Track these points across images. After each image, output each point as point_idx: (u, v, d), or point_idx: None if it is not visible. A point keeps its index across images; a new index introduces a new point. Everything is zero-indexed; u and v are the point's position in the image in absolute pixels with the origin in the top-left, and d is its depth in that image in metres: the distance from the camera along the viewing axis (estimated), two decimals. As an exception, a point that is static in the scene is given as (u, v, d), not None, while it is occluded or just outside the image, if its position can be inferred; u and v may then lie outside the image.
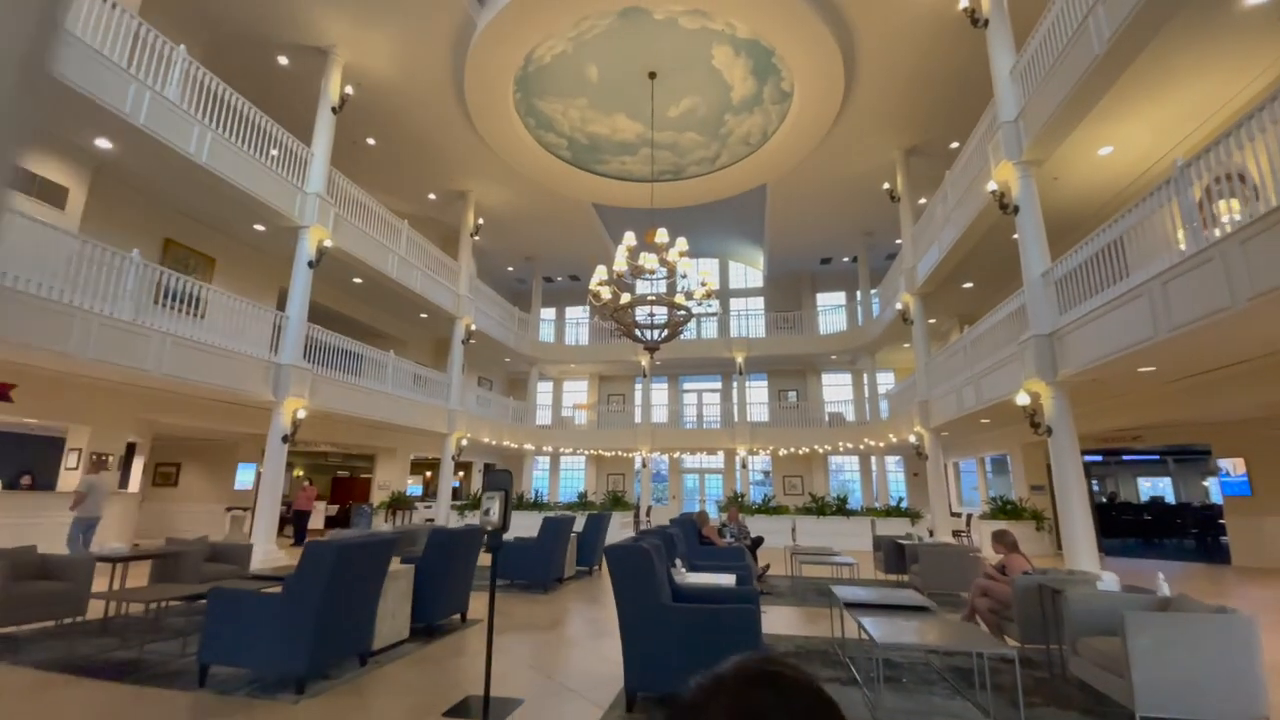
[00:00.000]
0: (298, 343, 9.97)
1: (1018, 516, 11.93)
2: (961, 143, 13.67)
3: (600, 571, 8.75)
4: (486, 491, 3.50)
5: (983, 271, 13.03)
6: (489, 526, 3.44)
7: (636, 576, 3.40)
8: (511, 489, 3.53)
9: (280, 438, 9.65)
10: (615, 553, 3.54)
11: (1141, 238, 6.31)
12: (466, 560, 5.34)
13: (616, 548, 3.56)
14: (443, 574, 4.94)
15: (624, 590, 3.44)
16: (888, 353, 19.05)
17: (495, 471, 3.54)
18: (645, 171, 15.55)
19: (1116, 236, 6.66)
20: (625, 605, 3.43)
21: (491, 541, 3.46)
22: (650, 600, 3.34)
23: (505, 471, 3.54)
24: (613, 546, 3.58)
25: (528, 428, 19.53)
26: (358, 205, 11.89)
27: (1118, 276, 6.63)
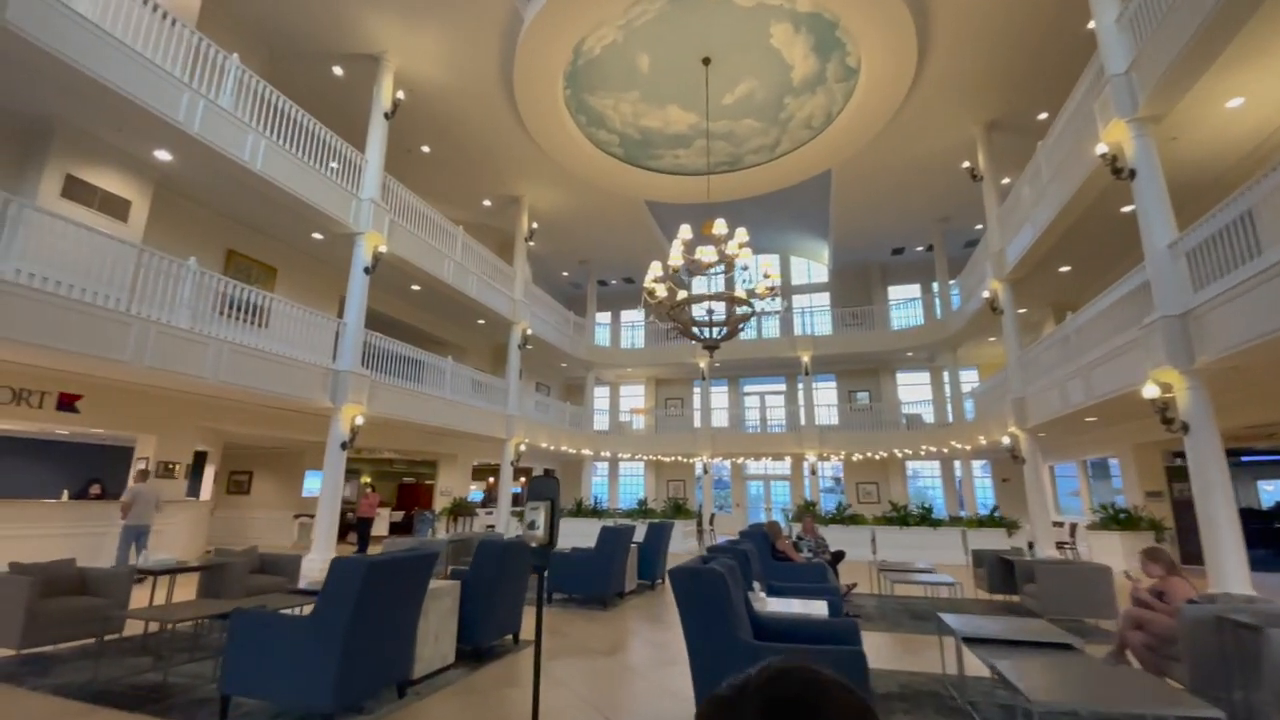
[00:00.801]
0: (355, 349, 9.89)
1: (1133, 526, 10.50)
2: (1051, 113, 12.39)
3: (663, 586, 8.14)
4: (530, 501, 2.96)
5: (1083, 252, 11.66)
6: (534, 542, 2.89)
7: (708, 607, 2.77)
8: (558, 497, 2.98)
9: (339, 444, 9.56)
10: (682, 577, 2.92)
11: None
12: (519, 574, 4.85)
13: (684, 572, 2.94)
14: (492, 590, 4.45)
15: (694, 624, 2.82)
16: (970, 348, 17.60)
17: (539, 478, 3.00)
18: (700, 164, 14.92)
19: (1270, 193, 5.53)
20: (696, 642, 2.82)
21: (537, 560, 2.91)
22: (726, 638, 2.72)
23: (550, 478, 2.99)
24: (680, 570, 2.97)
25: (585, 433, 19.17)
26: (412, 211, 11.82)
27: (1265, 244, 5.51)
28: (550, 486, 2.99)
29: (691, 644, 2.84)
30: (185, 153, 8.25)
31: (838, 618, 3.49)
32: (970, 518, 11.75)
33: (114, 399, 8.60)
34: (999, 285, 12.22)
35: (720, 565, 3.07)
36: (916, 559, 11.38)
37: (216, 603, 4.18)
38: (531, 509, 2.93)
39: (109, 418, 8.65)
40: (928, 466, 19.59)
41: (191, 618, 3.69)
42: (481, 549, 4.51)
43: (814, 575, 5.89)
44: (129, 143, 8.12)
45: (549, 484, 3.00)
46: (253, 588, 5.32)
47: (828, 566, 6.11)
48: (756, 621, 3.16)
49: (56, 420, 8.17)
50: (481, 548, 4.51)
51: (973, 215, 16.74)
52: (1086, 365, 8.85)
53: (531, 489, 3.03)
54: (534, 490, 3.02)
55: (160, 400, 9.19)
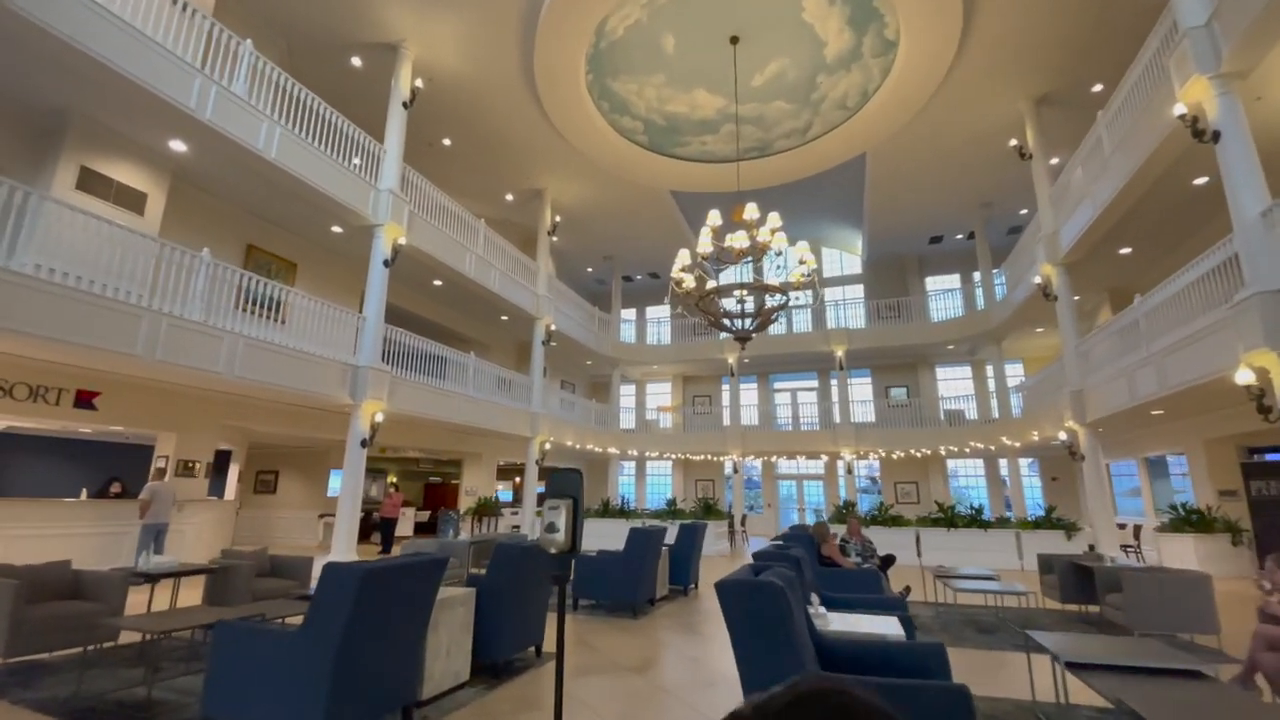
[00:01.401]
0: (375, 344, 9.59)
1: (1206, 528, 9.62)
2: (1106, 85, 11.54)
3: (697, 592, 7.61)
4: (550, 500, 2.49)
5: (1146, 231, 10.80)
6: (553, 547, 2.42)
7: (768, 630, 2.26)
8: (581, 495, 2.50)
9: (359, 442, 9.27)
10: (735, 593, 2.42)
11: None
12: (541, 579, 4.40)
13: (738, 586, 2.43)
14: (511, 597, 4.01)
15: (750, 649, 2.32)
16: (1015, 340, 16.69)
17: (561, 472, 2.53)
18: (728, 150, 14.35)
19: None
20: (752, 671, 2.32)
21: (557, 570, 2.44)
22: (788, 666, 2.20)
23: (573, 471, 2.52)
24: (733, 584, 2.46)
25: (612, 431, 18.73)
26: (433, 203, 11.52)
27: None
28: (572, 482, 2.51)
29: (746, 673, 2.33)
30: (199, 142, 8.03)
31: (914, 639, 2.95)
32: (1024, 519, 10.96)
33: (132, 396, 8.43)
34: (1052, 270, 11.40)
35: (778, 576, 2.56)
36: (964, 563, 10.66)
37: (211, 610, 3.82)
38: (550, 508, 2.46)
39: (128, 415, 8.49)
40: (969, 465, 18.68)
41: (179, 627, 3.33)
42: (499, 553, 4.06)
43: (867, 583, 5.32)
44: (142, 133, 7.92)
45: (570, 479, 2.52)
46: (260, 592, 4.98)
47: (881, 573, 5.54)
48: (820, 644, 2.64)
49: (74, 418, 8.02)
50: (499, 551, 4.06)
51: (1017, 199, 15.86)
52: (1159, 352, 8.07)
53: (551, 485, 2.56)
54: (554, 487, 2.55)
55: (180, 397, 9.01)
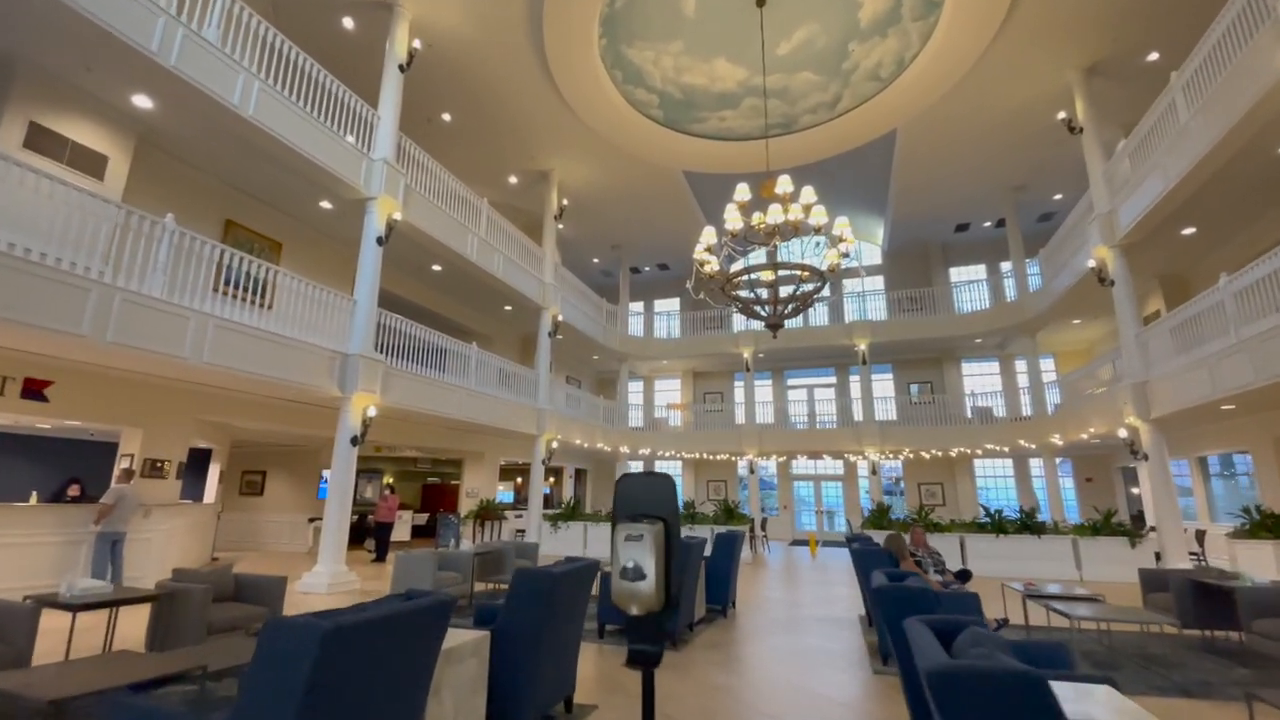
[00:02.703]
0: (367, 331, 8.62)
1: (1291, 536, 8.67)
2: (1163, 53, 10.61)
3: (734, 612, 6.65)
4: (625, 525, 1.51)
5: (1215, 209, 9.84)
6: (635, 605, 1.44)
7: None
8: (678, 517, 1.53)
9: (349, 438, 8.29)
10: (953, 681, 1.44)
11: None
12: (572, 614, 3.42)
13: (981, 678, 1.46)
14: (537, 642, 3.03)
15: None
16: (1049, 333, 15.75)
17: (639, 477, 1.55)
18: (748, 127, 13.40)
19: None
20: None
21: (643, 642, 1.48)
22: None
23: (659, 478, 1.56)
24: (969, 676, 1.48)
25: (620, 430, 17.77)
26: (432, 178, 10.54)
27: None
28: (660, 495, 1.56)
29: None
30: (167, 97, 7.06)
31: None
32: (1084, 524, 10.02)
33: (90, 386, 7.45)
34: (1108, 253, 10.45)
35: (983, 640, 1.59)
36: (1014, 573, 9.71)
37: (116, 663, 2.83)
38: (629, 540, 1.50)
39: (85, 408, 7.50)
40: (996, 465, 17.73)
41: (66, 696, 2.34)
42: (521, 584, 3.08)
43: (962, 607, 4.37)
44: (100, 85, 6.94)
45: (657, 489, 1.57)
46: (219, 623, 4.02)
47: (976, 597, 4.59)
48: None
49: (23, 410, 7.03)
50: (521, 583, 3.08)
51: (1053, 182, 14.94)
52: (1256, 337, 7.11)
53: (623, 500, 1.60)
54: (629, 502, 1.58)
55: (146, 388, 8.02)
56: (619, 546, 1.50)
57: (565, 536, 12.59)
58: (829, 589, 8.82)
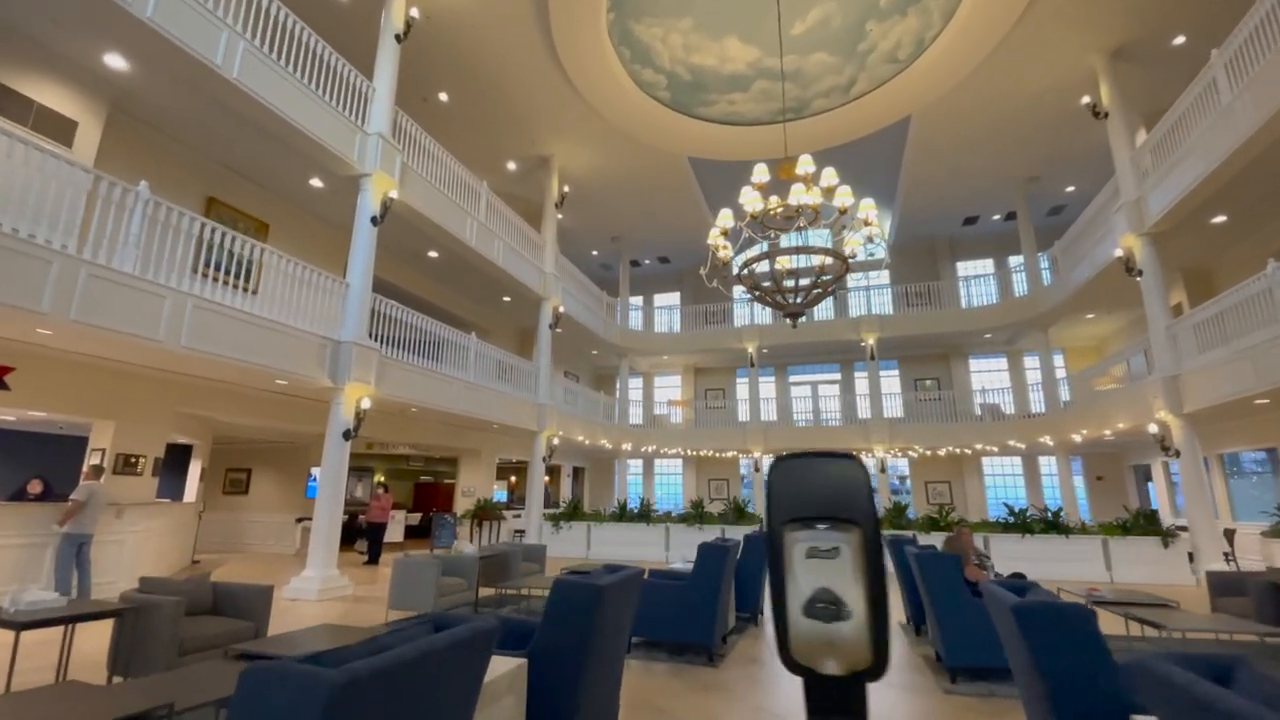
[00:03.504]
0: (360, 316, 8.02)
1: (1333, 536, 8.33)
2: (1190, 36, 10.24)
3: (764, 620, 6.13)
4: (799, 529, 0.95)
5: (1250, 196, 9.44)
6: (832, 660, 0.90)
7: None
8: (876, 521, 0.99)
9: (341, 433, 7.70)
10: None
11: None
12: (618, 634, 2.89)
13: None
14: (579, 668, 2.50)
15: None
16: (1061, 328, 15.38)
17: (808, 461, 0.97)
18: (758, 112, 12.92)
19: None
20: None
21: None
22: None
23: (843, 459, 0.98)
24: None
25: (621, 427, 17.22)
26: (429, 157, 9.94)
27: None
28: (849, 483, 1.02)
29: None
30: (142, 56, 6.44)
31: None
32: (1113, 524, 9.62)
33: (57, 374, 6.80)
34: (1136, 241, 10.06)
35: None
36: (1042, 575, 9.27)
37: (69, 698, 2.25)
38: (815, 556, 0.96)
39: (52, 398, 6.86)
40: (1005, 464, 17.38)
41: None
42: (563, 599, 2.53)
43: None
44: (70, 42, 6.30)
45: (843, 474, 1.03)
46: (192, 641, 3.45)
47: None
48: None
49: (-21, 400, 6.37)
50: (563, 597, 2.53)
51: (1067, 174, 14.58)
52: (1314, 326, 6.70)
53: (786, 490, 1.05)
54: (793, 493, 1.04)
55: (119, 377, 7.38)
56: (795, 565, 0.98)
57: (567, 537, 12.03)
58: (853, 593, 8.33)
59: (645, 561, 11.05)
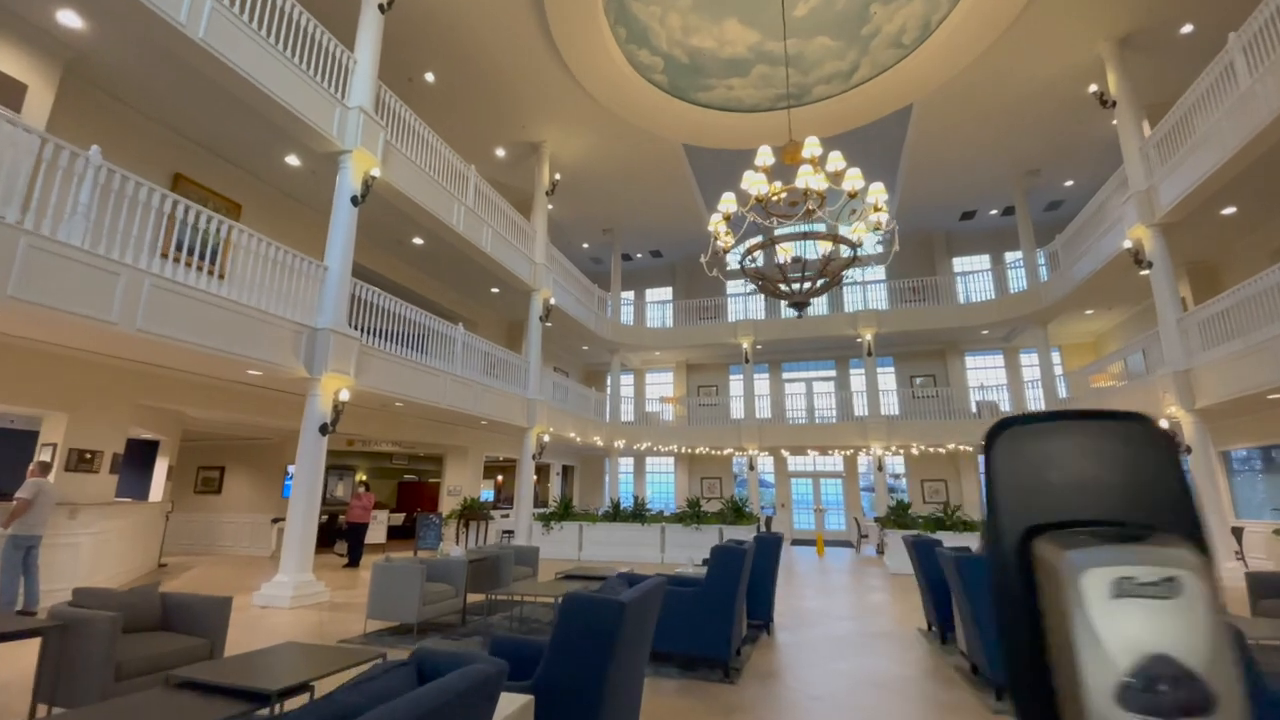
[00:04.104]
0: (339, 302, 7.49)
1: (1349, 535, 8.11)
2: (1197, 24, 10.02)
3: (775, 628, 5.69)
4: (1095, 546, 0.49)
5: (1262, 187, 9.22)
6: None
7: None
8: (1203, 530, 0.54)
9: (318, 427, 7.16)
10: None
11: None
12: (637, 655, 2.44)
13: None
14: (596, 699, 2.05)
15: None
16: (1058, 325, 15.19)
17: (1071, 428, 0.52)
18: (757, 98, 12.52)
19: None
20: None
21: None
22: None
23: (1135, 419, 0.52)
24: None
25: (613, 424, 16.76)
26: (414, 137, 9.40)
27: None
28: (1154, 465, 0.55)
29: None
30: (99, 13, 5.87)
31: None
32: (1123, 523, 9.37)
33: (2, 362, 6.19)
34: (1146, 232, 9.80)
35: None
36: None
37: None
38: (1133, 591, 0.50)
39: (-7, 387, 6.25)
40: (1000, 461, 17.14)
41: None
42: (576, 619, 2.07)
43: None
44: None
45: (1140, 445, 0.56)
46: (133, 665, 2.94)
47: None
48: None
49: (-89, 390, 5.76)
50: (576, 616, 2.07)
51: (1067, 167, 14.36)
52: (1343, 316, 6.43)
53: (1033, 478, 0.60)
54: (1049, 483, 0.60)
55: (72, 365, 6.78)
56: (1082, 611, 0.52)
57: (558, 538, 11.54)
58: (864, 596, 7.96)
59: (641, 563, 10.60)
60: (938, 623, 5.11)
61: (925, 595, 5.38)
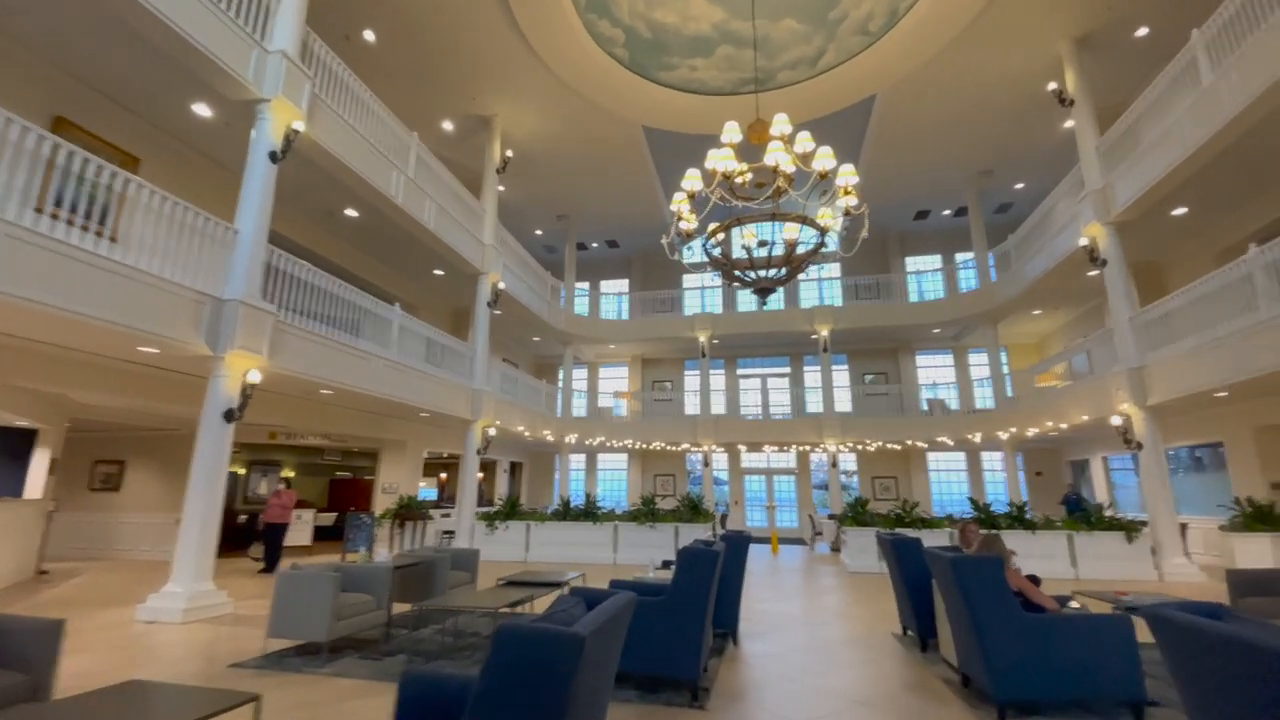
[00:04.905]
0: (251, 271, 6.55)
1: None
2: (1153, 28, 10.15)
3: (741, 637, 5.14)
4: None
5: (1214, 187, 9.36)
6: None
7: None
8: None
9: (222, 413, 6.23)
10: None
11: None
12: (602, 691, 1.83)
13: None
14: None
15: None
16: (1006, 325, 15.41)
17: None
18: (720, 81, 12.07)
19: None
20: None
21: None
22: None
23: None
24: None
25: (564, 419, 16.05)
26: (347, 94, 8.48)
27: None
28: None
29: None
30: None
31: None
32: (1076, 519, 9.36)
33: None
34: (1101, 230, 9.85)
35: None
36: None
37: None
38: None
39: None
40: (949, 459, 17.36)
41: None
42: (510, 655, 1.45)
43: (1104, 645, 3.12)
44: None
45: None
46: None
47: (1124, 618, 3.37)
48: None
49: None
50: (511, 651, 1.46)
51: (1019, 169, 14.56)
52: (1302, 311, 6.42)
53: None
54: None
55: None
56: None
57: (504, 539, 10.77)
58: (827, 597, 7.59)
59: (592, 564, 9.98)
60: (916, 628, 4.71)
61: (902, 598, 4.98)
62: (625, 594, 1.96)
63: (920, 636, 4.66)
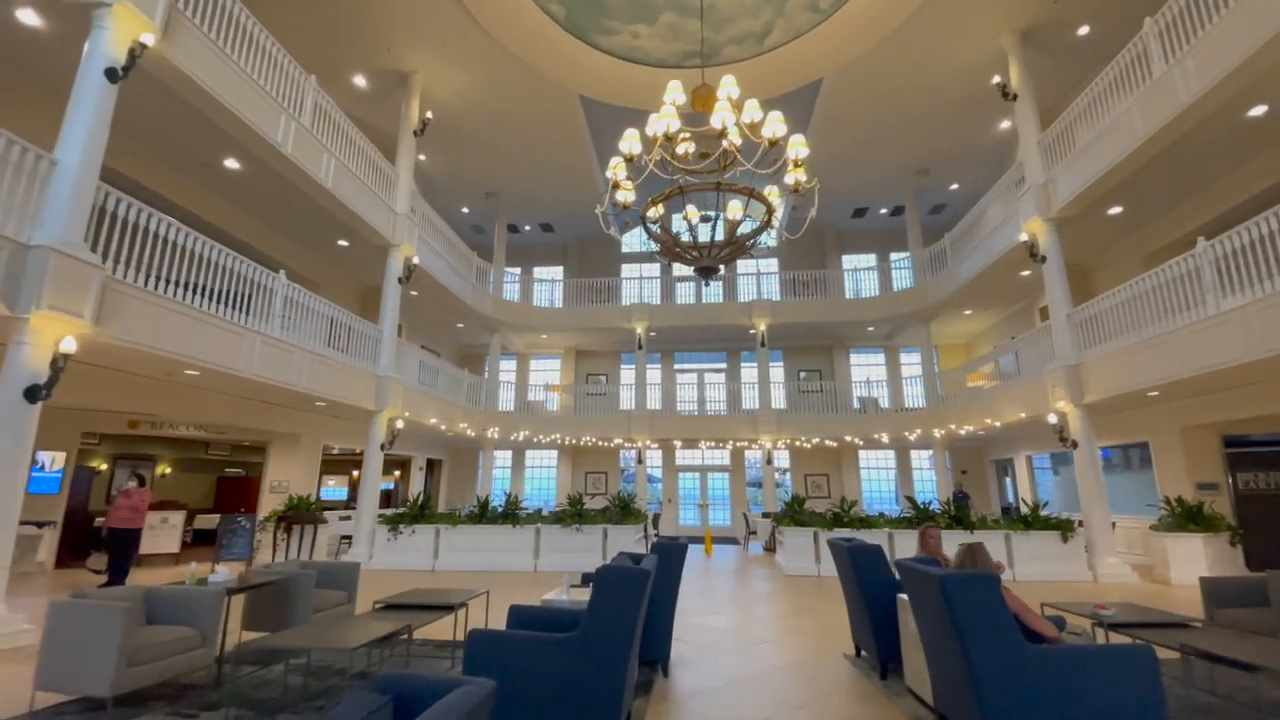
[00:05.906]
0: (75, 213, 5.19)
1: (1211, 526, 8.33)
2: (1095, 27, 10.16)
3: (668, 680, 4.28)
4: None
5: (1151, 186, 9.36)
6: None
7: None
8: None
9: (23, 389, 4.86)
10: None
11: None
12: None
13: None
14: None
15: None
16: (938, 324, 15.46)
17: None
18: (663, 52, 11.32)
19: None
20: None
21: None
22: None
23: None
24: None
25: (489, 411, 14.88)
26: (223, 15, 7.08)
27: None
28: None
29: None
30: None
31: None
32: (1014, 518, 9.18)
33: None
34: (1041, 226, 9.74)
35: None
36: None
37: None
38: None
39: None
40: (879, 457, 17.37)
41: None
42: None
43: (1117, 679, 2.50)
44: None
45: None
46: None
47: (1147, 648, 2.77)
48: None
49: None
50: None
51: (954, 169, 14.60)
52: (1255, 305, 6.26)
53: None
54: None
55: None
56: None
57: (410, 545, 9.56)
58: (767, 606, 6.92)
59: (509, 572, 8.96)
60: (875, 652, 4.05)
61: (859, 615, 4.32)
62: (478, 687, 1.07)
63: (880, 662, 4.00)
